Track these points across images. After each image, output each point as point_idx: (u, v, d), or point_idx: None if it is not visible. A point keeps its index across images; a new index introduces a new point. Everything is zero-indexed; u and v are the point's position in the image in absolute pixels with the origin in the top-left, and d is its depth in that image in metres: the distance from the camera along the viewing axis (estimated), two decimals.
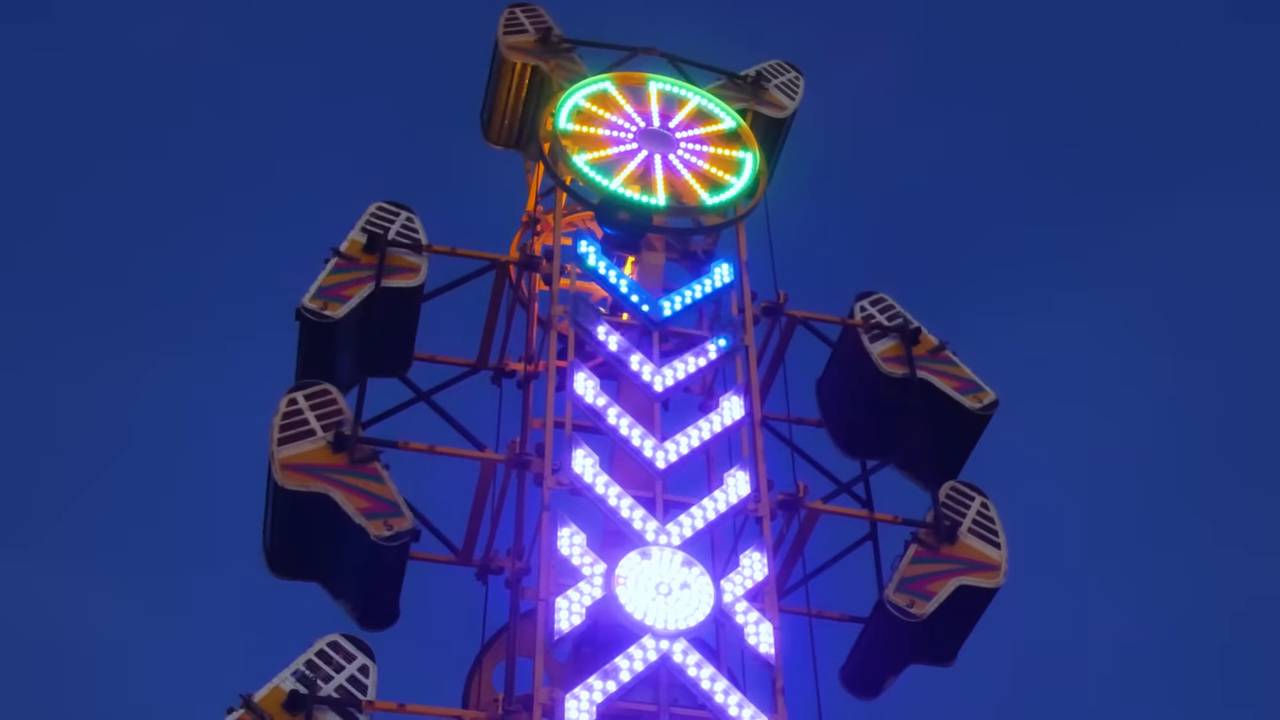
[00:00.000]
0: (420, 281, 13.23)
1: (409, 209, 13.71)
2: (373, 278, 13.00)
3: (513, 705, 11.20)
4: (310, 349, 12.88)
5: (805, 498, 13.10)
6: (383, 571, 12.05)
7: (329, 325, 12.75)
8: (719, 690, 11.12)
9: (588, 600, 11.28)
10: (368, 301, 12.91)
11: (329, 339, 12.84)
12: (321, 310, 12.76)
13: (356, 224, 13.44)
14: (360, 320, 12.88)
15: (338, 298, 12.86)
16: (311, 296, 12.82)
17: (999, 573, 13.05)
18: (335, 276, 13.00)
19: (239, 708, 10.62)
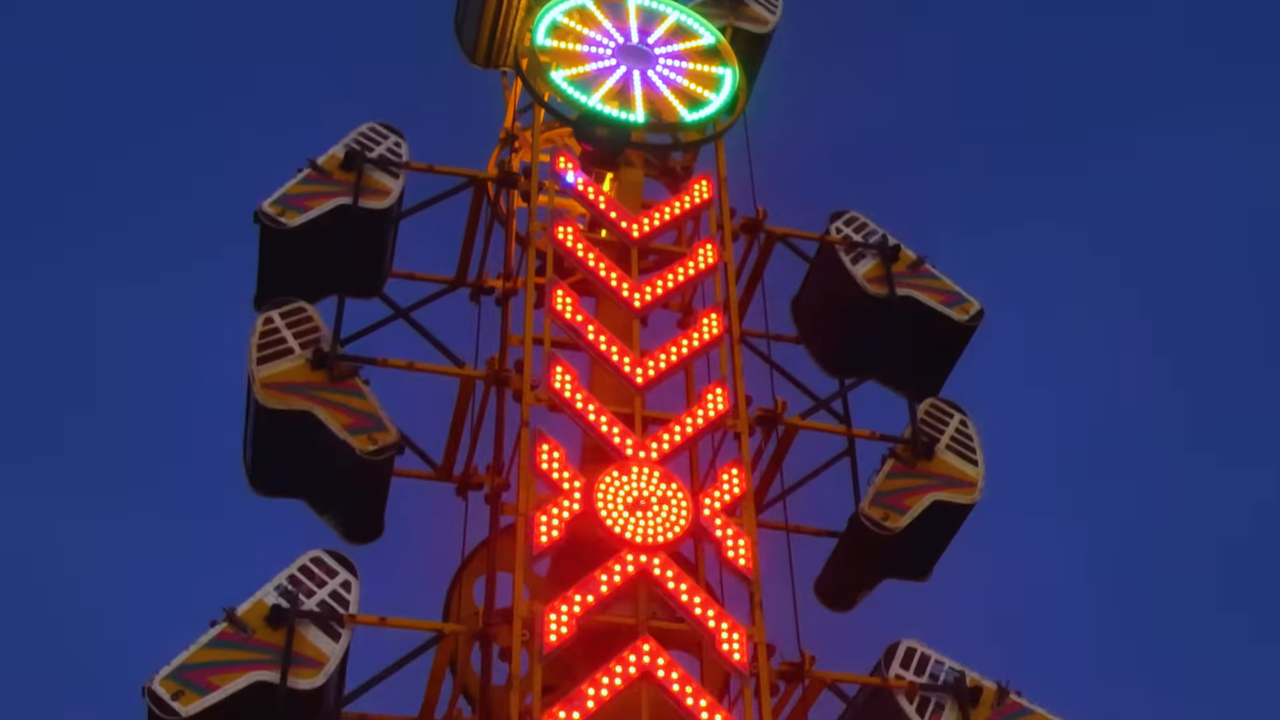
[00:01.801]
0: (389, 205, 13.12)
1: (398, 132, 13.60)
2: (341, 194, 12.91)
3: (493, 619, 11.30)
4: (265, 256, 12.86)
5: (783, 414, 13.16)
6: (368, 486, 12.12)
7: (283, 233, 12.67)
8: (697, 604, 11.22)
9: (566, 515, 11.35)
10: (331, 216, 12.81)
11: (284, 248, 12.77)
12: (278, 216, 12.69)
13: (342, 140, 13.35)
14: (323, 235, 12.79)
15: (298, 207, 12.78)
16: (271, 201, 12.76)
17: (975, 489, 13.15)
18: (303, 187, 12.93)
19: (221, 621, 10.70)
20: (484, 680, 11.33)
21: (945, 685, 11.77)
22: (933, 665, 11.93)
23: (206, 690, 10.36)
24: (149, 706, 10.26)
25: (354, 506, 12.36)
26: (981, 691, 11.82)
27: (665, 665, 10.81)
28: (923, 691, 11.73)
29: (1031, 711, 11.87)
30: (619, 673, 10.70)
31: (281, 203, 12.78)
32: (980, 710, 11.75)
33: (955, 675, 11.84)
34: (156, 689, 10.27)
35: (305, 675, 10.61)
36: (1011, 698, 11.88)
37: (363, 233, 12.99)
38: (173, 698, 10.25)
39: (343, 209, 12.85)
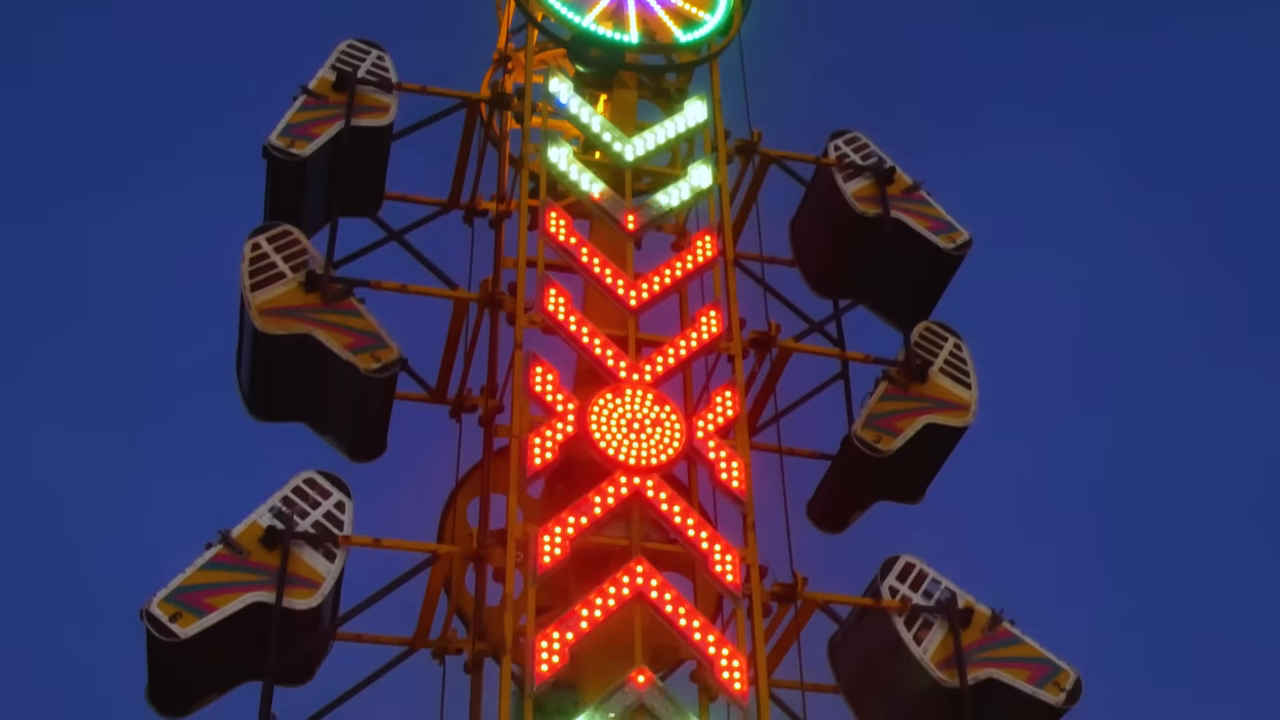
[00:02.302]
0: (389, 120, 13.09)
1: (380, 46, 13.53)
2: (341, 116, 12.85)
3: (487, 540, 11.36)
4: (277, 188, 12.79)
5: (777, 336, 13.17)
6: (372, 404, 12.15)
7: (296, 163, 12.64)
8: (690, 525, 11.26)
9: (560, 437, 11.37)
10: (336, 140, 12.79)
11: (296, 178, 12.74)
12: (288, 148, 12.63)
13: (326, 62, 13.27)
14: (329, 159, 12.77)
15: (305, 135, 12.73)
16: (279, 134, 12.69)
17: (968, 412, 13.19)
18: (303, 114, 12.86)
19: (217, 543, 10.75)
20: (478, 601, 11.40)
21: (937, 605, 11.85)
22: (929, 583, 12.01)
23: (204, 612, 10.42)
24: (147, 629, 10.32)
25: (357, 425, 12.39)
26: (973, 614, 11.91)
27: (658, 587, 10.86)
28: (914, 610, 11.81)
29: (1021, 642, 11.94)
30: (612, 594, 10.76)
31: (288, 134, 12.69)
32: (970, 632, 11.83)
33: (948, 595, 11.93)
34: (154, 611, 10.33)
35: (301, 596, 10.68)
36: (1004, 625, 11.96)
37: (364, 151, 12.92)
38: (170, 620, 10.31)
39: (346, 131, 12.79)
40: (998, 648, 11.86)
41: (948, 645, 11.70)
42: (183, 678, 10.77)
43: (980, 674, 11.65)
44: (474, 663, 11.13)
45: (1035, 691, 11.71)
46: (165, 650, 10.37)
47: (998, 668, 11.73)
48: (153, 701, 10.87)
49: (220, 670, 10.80)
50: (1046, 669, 11.84)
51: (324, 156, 12.77)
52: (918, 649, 11.66)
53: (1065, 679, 11.78)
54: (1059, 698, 11.72)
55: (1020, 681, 11.73)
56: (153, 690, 10.82)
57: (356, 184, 13.00)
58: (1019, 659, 11.85)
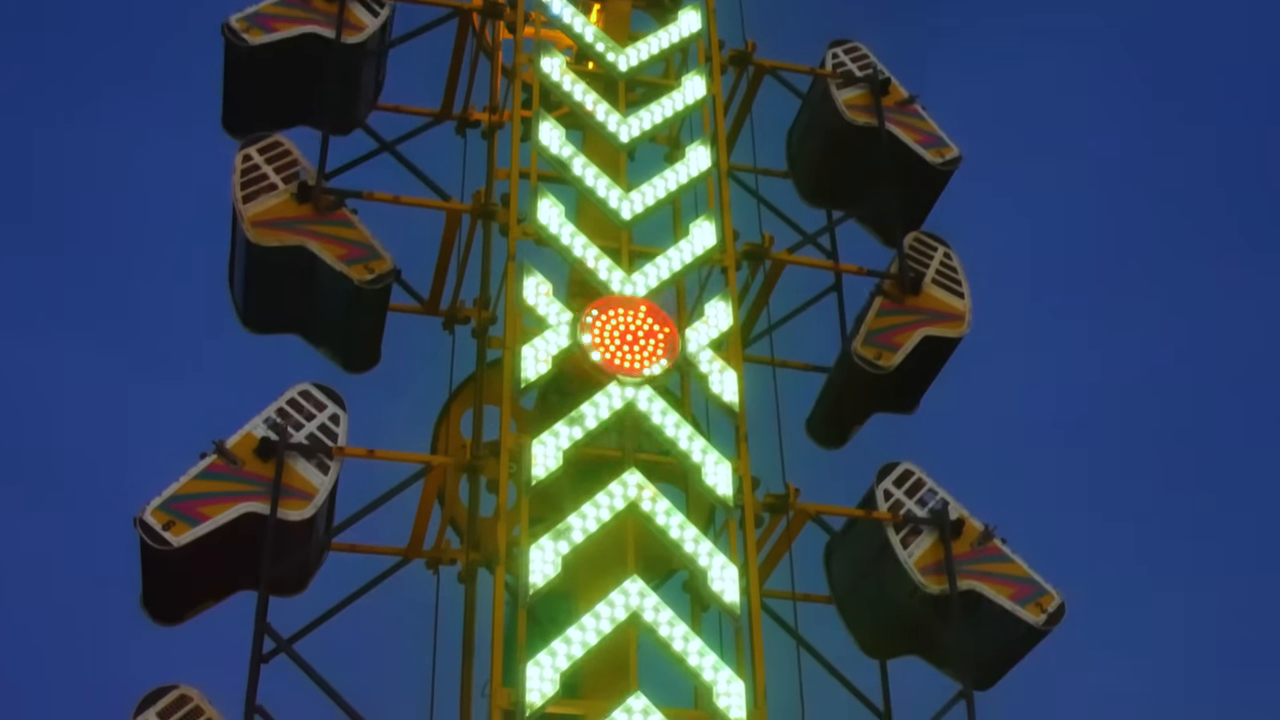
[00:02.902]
0: (362, 40, 12.83)
1: None
2: (312, 22, 12.67)
3: (480, 451, 11.38)
4: (230, 74, 12.69)
5: (770, 248, 13.14)
6: (366, 315, 12.14)
7: (244, 50, 12.49)
8: (683, 437, 11.30)
9: (554, 349, 11.37)
10: (300, 43, 12.61)
11: (246, 67, 12.60)
12: (241, 32, 12.48)
13: None
14: (292, 62, 12.61)
15: (264, 27, 12.57)
16: (239, 16, 12.55)
17: (963, 322, 13.21)
18: (276, 8, 12.68)
19: (211, 453, 10.78)
20: (471, 512, 11.45)
21: (930, 514, 11.91)
22: (924, 492, 12.07)
23: (197, 521, 10.46)
24: (140, 537, 10.36)
25: (351, 337, 12.38)
26: (965, 526, 11.97)
27: (652, 497, 10.91)
28: (906, 519, 11.88)
29: (1009, 560, 12.00)
30: (606, 505, 10.80)
31: (250, 20, 12.56)
32: (959, 544, 11.90)
33: (942, 505, 11.98)
34: (148, 519, 10.37)
35: (295, 507, 10.72)
36: (994, 541, 12.02)
37: (335, 66, 12.74)
38: (164, 528, 10.35)
39: (312, 38, 12.65)
40: (985, 562, 11.93)
41: (934, 552, 11.77)
42: (176, 586, 10.83)
43: (964, 585, 11.71)
44: (468, 573, 11.19)
45: (1016, 609, 11.77)
46: (158, 558, 10.42)
47: (982, 581, 11.80)
48: (147, 609, 10.94)
49: (214, 579, 10.86)
50: (1031, 589, 11.90)
51: (283, 57, 12.60)
52: (903, 553, 11.73)
53: (1049, 601, 11.83)
54: (1040, 618, 11.76)
55: (1002, 598, 11.78)
56: (147, 598, 10.88)
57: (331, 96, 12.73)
58: (1004, 576, 11.92)
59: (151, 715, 9.85)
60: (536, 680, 10.02)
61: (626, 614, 10.40)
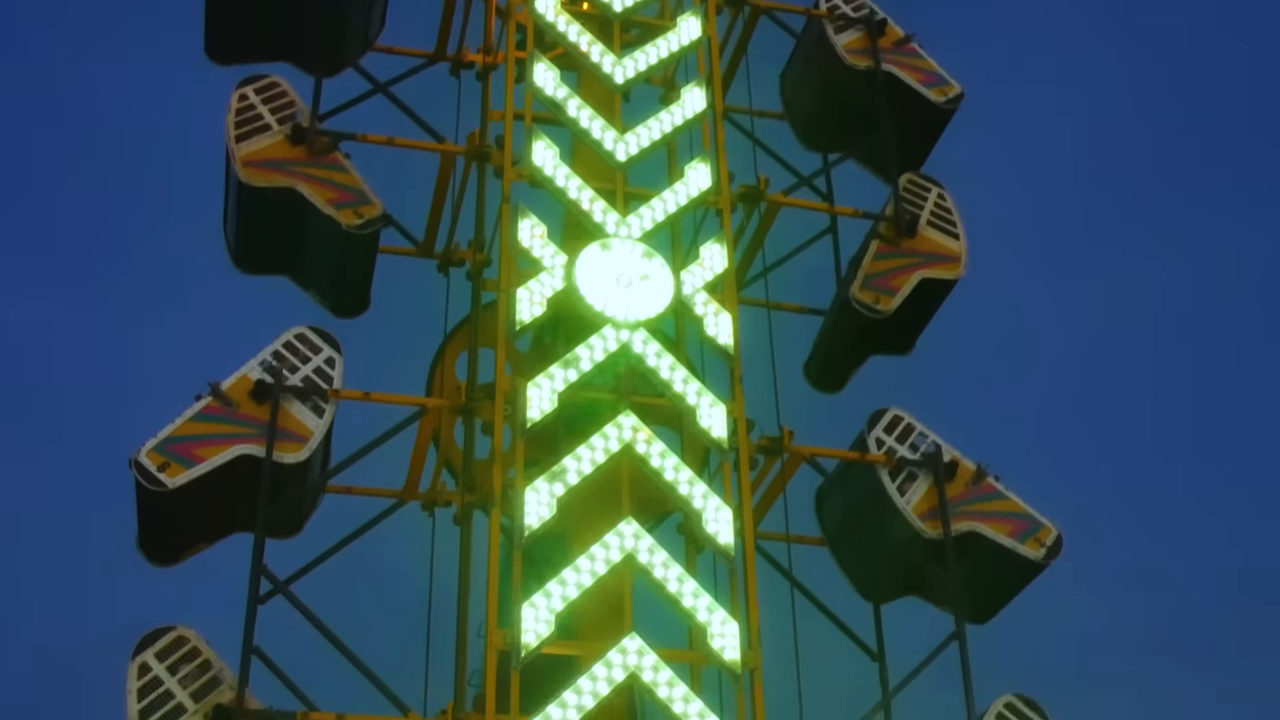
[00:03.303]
0: None
1: None
2: None
3: (475, 394, 11.39)
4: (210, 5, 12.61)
5: (766, 190, 13.10)
6: (355, 260, 12.12)
7: None
8: (678, 379, 11.31)
9: (548, 291, 11.36)
10: None
11: None
12: None
13: None
14: None
15: None
16: None
17: (959, 264, 13.20)
18: None
19: (206, 395, 10.78)
20: (467, 454, 11.46)
21: (923, 457, 11.95)
22: (915, 436, 12.11)
23: (192, 462, 10.48)
24: (136, 478, 10.38)
25: (340, 281, 12.36)
26: (958, 468, 12.01)
27: (646, 439, 10.93)
28: (899, 463, 11.92)
29: (1004, 497, 12.07)
30: (600, 447, 10.82)
31: None
32: (954, 486, 11.95)
33: (934, 448, 12.02)
34: (143, 460, 10.38)
35: (290, 449, 10.74)
36: (988, 480, 12.07)
37: None
38: (159, 469, 10.37)
39: None
40: (981, 501, 11.99)
41: (931, 497, 11.82)
42: (172, 527, 10.86)
43: (962, 526, 11.79)
44: (463, 515, 11.22)
45: (1015, 546, 11.85)
46: (154, 500, 10.45)
47: (980, 521, 11.86)
48: (143, 550, 10.98)
49: (210, 521, 10.90)
50: (1028, 524, 11.98)
51: None
52: (900, 500, 11.78)
53: (1046, 534, 11.92)
54: (1039, 553, 11.85)
55: (1001, 536, 11.86)
56: (143, 540, 10.92)
57: (316, 32, 12.63)
58: (1001, 513, 11.98)
59: (150, 656, 9.90)
60: (532, 621, 10.07)
61: (621, 556, 10.44)
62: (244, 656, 9.96)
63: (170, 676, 9.87)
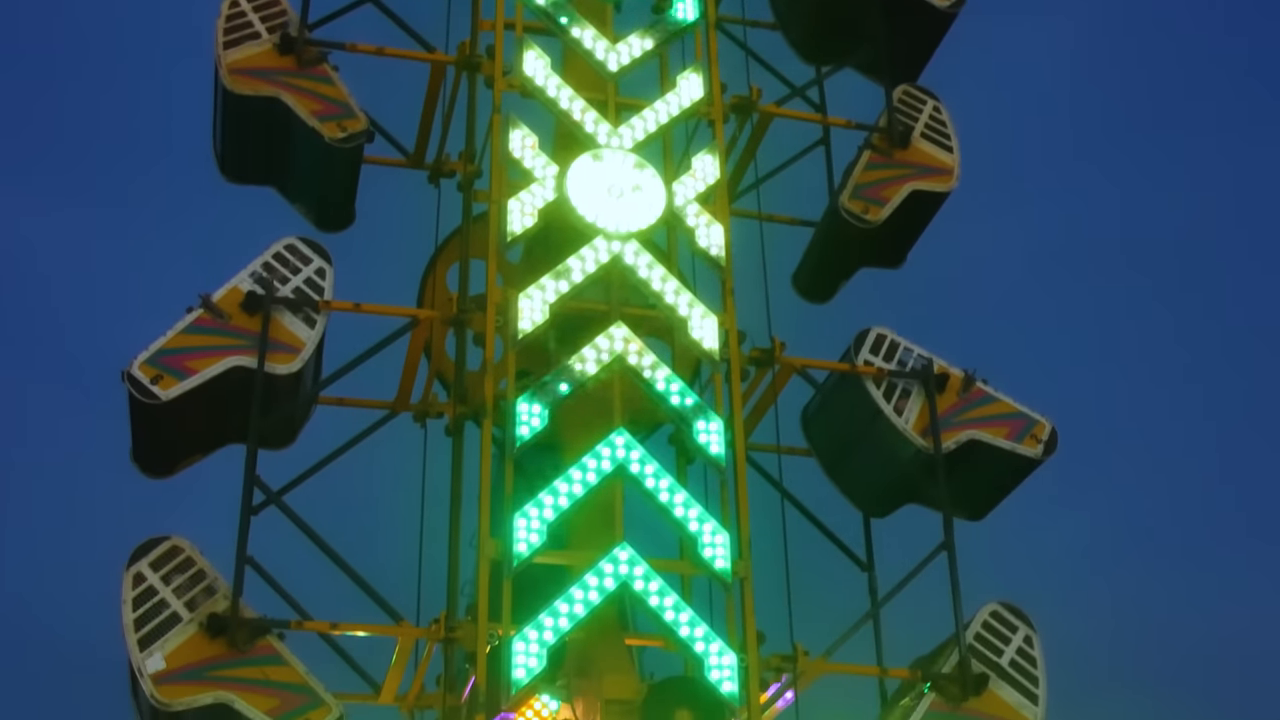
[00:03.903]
0: None
1: None
2: None
3: (467, 305, 11.38)
4: None
5: (758, 101, 13.02)
6: (338, 173, 12.07)
7: None
8: (669, 291, 11.30)
9: (540, 202, 11.33)
10: None
11: None
12: None
13: None
14: None
15: None
16: None
17: (951, 176, 13.17)
18: None
19: (198, 307, 10.77)
20: (458, 366, 11.48)
21: (913, 371, 11.98)
22: (901, 352, 12.13)
23: (185, 375, 10.50)
24: (129, 391, 10.40)
25: (324, 194, 12.31)
26: (948, 378, 12.05)
27: (638, 351, 10.94)
28: (890, 377, 11.95)
29: (996, 400, 12.13)
30: (592, 358, 10.84)
31: None
32: (946, 396, 12.00)
33: (923, 362, 12.05)
34: (136, 373, 10.39)
35: (282, 360, 10.76)
36: (977, 385, 12.12)
37: None
38: (152, 381, 10.38)
39: None
40: (974, 408, 12.05)
41: (928, 413, 11.85)
42: (166, 439, 10.90)
43: (961, 436, 11.86)
44: (455, 426, 11.24)
45: (1014, 447, 11.97)
46: (147, 412, 10.48)
47: (977, 428, 11.94)
48: (137, 463, 11.03)
49: (203, 432, 10.94)
50: (1023, 423, 12.07)
51: None
52: (899, 419, 11.83)
53: (1041, 430, 12.04)
54: (1037, 450, 11.99)
55: (999, 439, 11.96)
56: (137, 452, 10.96)
57: None
58: (996, 417, 12.06)
59: (144, 566, 9.96)
60: (524, 531, 10.14)
61: (613, 466, 10.49)
62: (238, 566, 10.03)
63: (164, 586, 9.94)
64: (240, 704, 9.62)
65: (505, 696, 9.80)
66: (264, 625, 9.91)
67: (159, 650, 9.69)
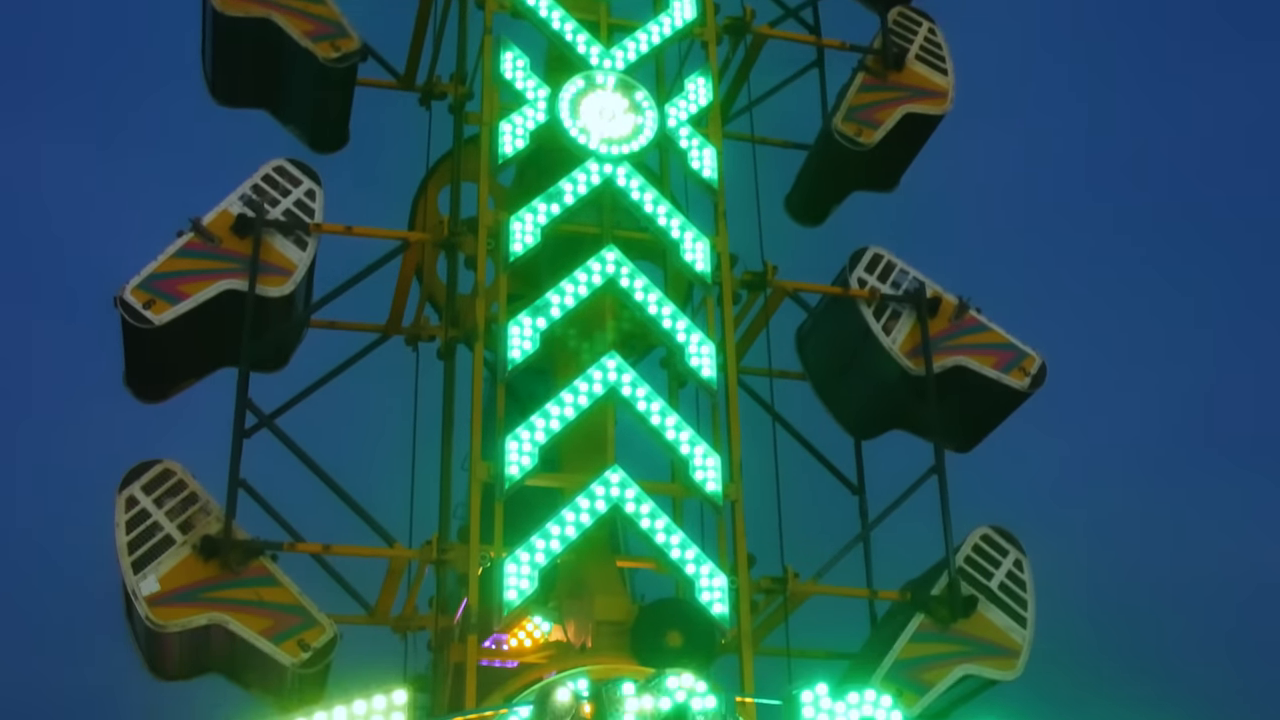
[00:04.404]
0: None
1: None
2: None
3: (458, 228, 11.33)
4: None
5: (752, 22, 12.93)
6: (332, 94, 12.00)
7: None
8: (661, 213, 11.26)
9: (531, 124, 11.27)
10: None
11: None
12: None
13: None
14: None
15: None
16: None
17: (946, 99, 13.10)
18: None
19: (188, 231, 10.73)
20: (450, 289, 11.43)
21: (905, 294, 11.96)
22: (896, 273, 12.10)
23: (177, 299, 10.48)
24: (122, 316, 10.38)
25: (318, 116, 12.24)
26: (940, 303, 12.02)
27: (629, 274, 10.91)
28: (883, 299, 11.93)
29: (987, 329, 12.09)
30: (583, 281, 10.80)
31: None
32: (937, 321, 11.97)
33: (916, 284, 12.02)
34: (128, 298, 10.36)
35: (274, 283, 10.73)
36: (970, 313, 12.09)
37: None
38: (144, 306, 10.35)
39: None
40: (965, 335, 12.03)
41: (916, 335, 11.85)
42: (159, 364, 10.89)
43: (948, 361, 11.84)
44: (447, 349, 11.23)
45: (1001, 377, 11.93)
46: (140, 337, 10.46)
47: (965, 354, 11.92)
48: (130, 387, 11.02)
49: (195, 356, 10.93)
50: (1012, 354, 12.05)
51: None
52: (886, 339, 11.82)
53: (1030, 364, 12.00)
54: (1024, 382, 11.95)
55: (986, 368, 11.93)
56: (130, 377, 10.96)
57: None
58: (986, 345, 12.04)
59: (137, 489, 9.98)
60: (515, 454, 10.14)
61: (604, 390, 10.48)
62: (230, 489, 10.05)
63: (157, 509, 9.95)
64: (234, 625, 9.67)
65: (497, 618, 9.84)
66: (257, 547, 9.94)
67: (153, 573, 9.72)
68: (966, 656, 11.02)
